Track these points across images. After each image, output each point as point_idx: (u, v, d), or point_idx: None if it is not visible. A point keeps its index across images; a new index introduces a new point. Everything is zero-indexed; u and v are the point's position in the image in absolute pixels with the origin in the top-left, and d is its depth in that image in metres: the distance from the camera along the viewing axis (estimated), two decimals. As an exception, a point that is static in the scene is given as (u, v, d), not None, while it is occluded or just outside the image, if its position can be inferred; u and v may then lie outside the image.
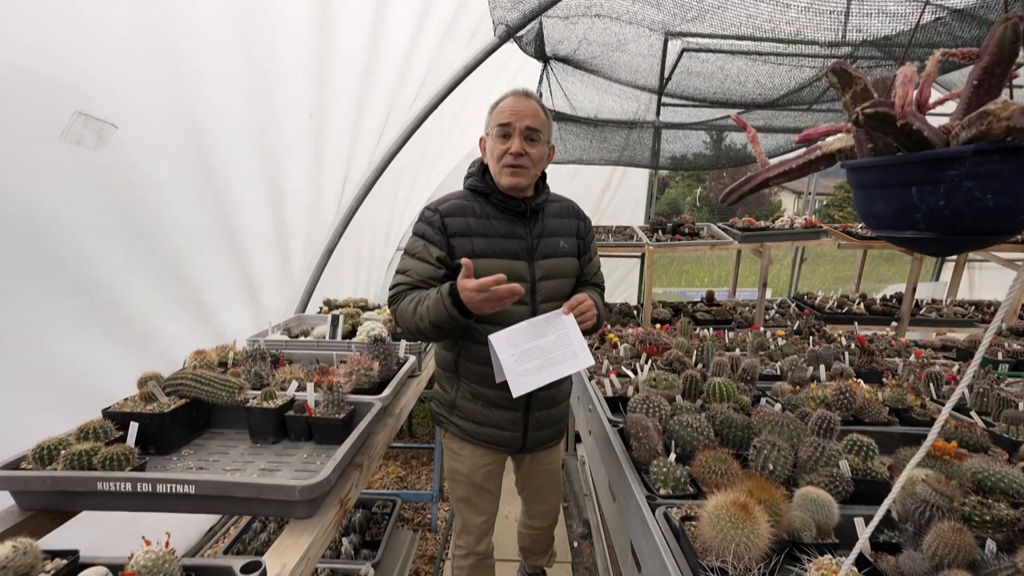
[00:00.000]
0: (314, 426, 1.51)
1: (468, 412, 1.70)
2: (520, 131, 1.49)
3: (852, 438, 1.60)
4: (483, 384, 1.65)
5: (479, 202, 1.59)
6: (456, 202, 1.58)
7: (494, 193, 1.58)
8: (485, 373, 1.59)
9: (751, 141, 0.98)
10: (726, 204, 0.97)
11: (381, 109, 2.55)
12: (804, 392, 2.25)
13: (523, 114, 1.50)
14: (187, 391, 1.50)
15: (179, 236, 1.64)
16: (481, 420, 1.69)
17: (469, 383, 1.69)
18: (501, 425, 1.69)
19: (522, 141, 1.49)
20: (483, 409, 1.69)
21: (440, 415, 1.79)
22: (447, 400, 1.74)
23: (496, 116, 1.52)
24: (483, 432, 1.70)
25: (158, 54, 1.42)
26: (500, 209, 1.59)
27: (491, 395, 1.66)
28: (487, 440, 1.71)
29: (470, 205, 1.57)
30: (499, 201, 1.58)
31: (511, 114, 1.49)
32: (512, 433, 1.70)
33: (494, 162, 1.54)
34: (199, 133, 1.60)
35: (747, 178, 0.94)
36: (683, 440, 1.67)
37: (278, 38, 1.71)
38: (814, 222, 4.33)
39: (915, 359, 2.92)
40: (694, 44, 2.98)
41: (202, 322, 1.94)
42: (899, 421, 2.09)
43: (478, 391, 1.68)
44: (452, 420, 1.74)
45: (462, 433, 1.72)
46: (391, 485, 3.28)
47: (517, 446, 1.74)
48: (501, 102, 1.54)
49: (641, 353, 2.88)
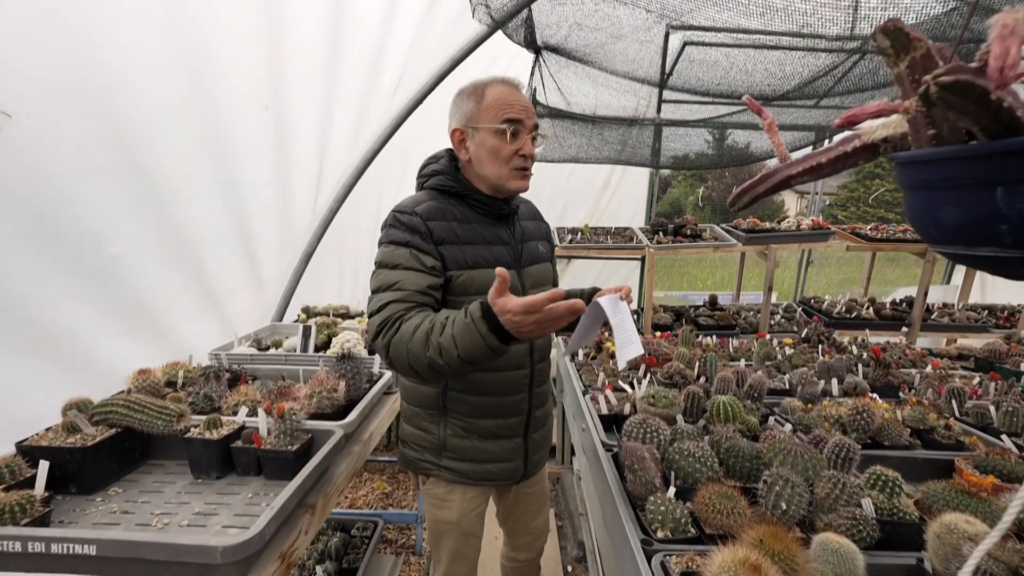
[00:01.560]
0: (263, 459, 1.33)
1: (463, 451, 1.47)
2: (529, 129, 1.34)
3: (875, 471, 1.41)
4: (478, 415, 1.45)
5: (453, 204, 1.38)
6: (431, 204, 1.34)
7: (473, 194, 1.38)
8: (479, 403, 1.41)
9: (767, 129, 0.79)
10: (736, 208, 0.78)
11: (354, 101, 2.37)
12: (816, 410, 2.06)
13: (530, 110, 1.34)
14: (118, 419, 1.32)
15: (111, 244, 1.46)
16: (480, 457, 1.47)
17: (461, 417, 1.45)
18: (502, 457, 1.49)
19: (530, 141, 1.35)
20: (480, 443, 1.47)
21: (423, 462, 1.50)
22: (433, 442, 1.47)
23: (497, 108, 1.30)
24: (483, 470, 1.48)
25: (68, 42, 1.24)
26: (480, 212, 1.39)
27: (489, 426, 1.46)
28: (488, 478, 1.49)
29: (448, 208, 1.35)
30: (478, 203, 1.38)
31: (521, 109, 1.31)
32: (514, 463, 1.52)
33: (499, 163, 1.33)
34: (121, 126, 1.40)
35: (763, 176, 0.75)
36: (684, 471, 1.49)
37: (218, 18, 1.52)
38: (822, 223, 4.14)
39: (932, 370, 2.73)
40: (695, 37, 2.80)
41: (155, 337, 1.76)
42: (921, 444, 1.90)
43: (473, 424, 1.45)
44: (442, 464, 1.48)
45: (457, 477, 1.48)
46: (375, 503, 3.10)
47: (519, 476, 1.55)
48: (493, 90, 1.32)
49: (639, 364, 2.69)
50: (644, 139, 4.20)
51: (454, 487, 1.50)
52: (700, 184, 24.85)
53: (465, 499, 1.51)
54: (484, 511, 1.62)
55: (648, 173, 5.17)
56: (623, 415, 2.13)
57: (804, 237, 4.18)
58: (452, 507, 1.51)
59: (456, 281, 1.30)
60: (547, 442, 1.67)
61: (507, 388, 1.45)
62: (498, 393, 1.43)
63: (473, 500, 1.53)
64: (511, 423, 1.47)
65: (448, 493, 1.51)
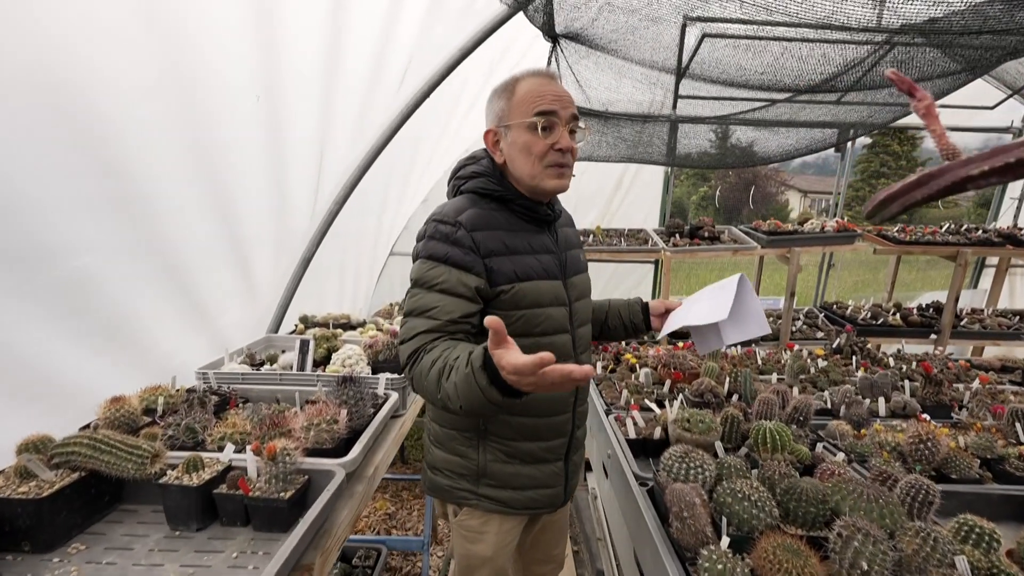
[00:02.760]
0: (252, 508, 1.14)
1: (505, 478, 1.32)
2: (566, 121, 1.19)
3: (966, 521, 1.21)
4: (521, 438, 1.31)
5: (497, 210, 1.24)
6: (475, 211, 1.20)
7: (516, 199, 1.25)
8: (523, 424, 1.29)
9: (924, 115, 0.59)
10: (879, 220, 0.58)
11: (357, 92, 2.17)
12: (869, 435, 1.87)
13: (565, 100, 1.20)
14: (81, 461, 1.13)
15: (78, 254, 1.27)
16: (523, 484, 1.33)
17: (502, 441, 1.31)
18: (544, 483, 1.36)
19: (567, 134, 1.21)
20: (523, 468, 1.33)
21: (459, 490, 1.35)
22: (472, 469, 1.32)
23: (528, 102, 1.18)
24: (525, 497, 1.34)
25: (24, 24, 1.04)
26: (524, 219, 1.27)
27: (532, 449, 1.32)
28: (530, 506, 1.36)
29: (493, 215, 1.22)
30: (522, 208, 1.26)
31: (554, 99, 1.17)
32: (555, 489, 1.39)
33: (532, 160, 1.19)
34: (85, 119, 1.20)
35: (924, 176, 0.54)
36: (738, 517, 1.29)
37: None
38: (848, 225, 3.94)
39: (980, 385, 2.53)
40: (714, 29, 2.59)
41: (133, 357, 1.57)
42: (992, 476, 1.70)
43: (515, 448, 1.31)
44: (480, 492, 1.33)
45: (496, 506, 1.33)
46: (377, 525, 2.91)
47: (559, 502, 1.42)
48: (524, 84, 1.20)
49: (665, 379, 2.50)
50: (660, 135, 4.00)
51: (490, 518, 1.35)
52: (703, 183, 24.63)
53: (501, 531, 1.37)
54: (515, 544, 1.47)
55: (661, 173, 4.96)
56: (653, 440, 1.95)
57: (829, 240, 3.99)
58: (487, 540, 1.36)
59: (507, 296, 1.19)
60: (583, 463, 1.54)
61: (553, 408, 1.32)
62: (544, 413, 1.31)
63: (509, 532, 1.39)
64: (554, 445, 1.35)
65: (483, 524, 1.36)
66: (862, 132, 4.16)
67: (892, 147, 21.54)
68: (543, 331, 1.24)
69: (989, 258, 5.12)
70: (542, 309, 1.23)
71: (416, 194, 4.45)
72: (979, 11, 2.89)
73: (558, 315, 1.26)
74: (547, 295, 1.23)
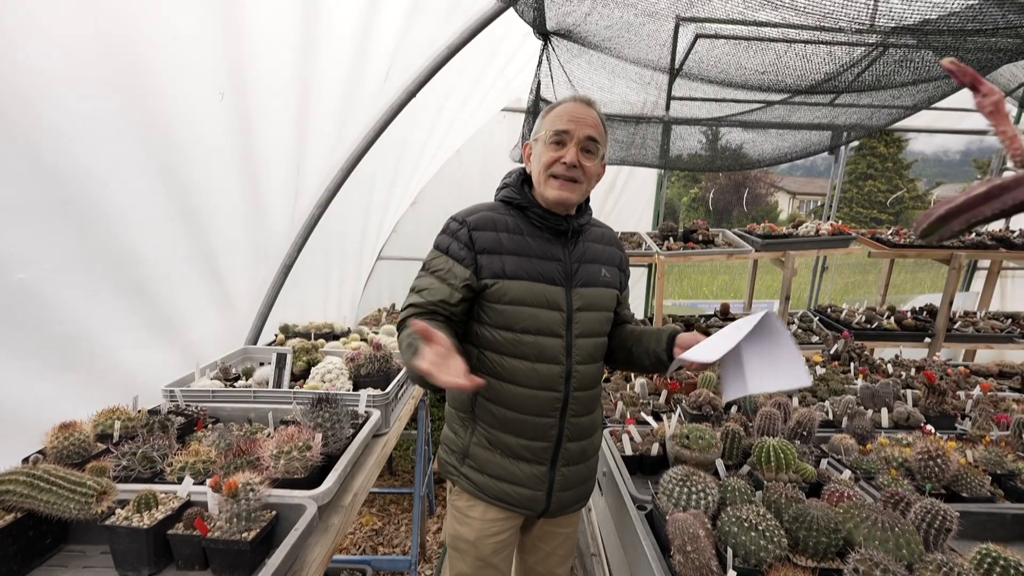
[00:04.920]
0: (210, 551, 1.02)
1: (483, 463, 1.41)
2: (578, 140, 1.30)
3: (988, 553, 1.13)
4: (503, 429, 1.38)
5: (513, 216, 1.38)
6: (486, 214, 1.36)
7: (532, 207, 1.37)
8: (504, 416, 1.36)
9: (990, 114, 0.50)
10: (936, 240, 0.49)
11: (336, 95, 2.05)
12: (875, 450, 1.79)
13: (584, 122, 1.31)
14: (16, 501, 1.01)
15: (15, 269, 1.14)
16: (498, 473, 1.40)
17: (487, 428, 1.40)
18: (521, 481, 1.39)
19: (578, 152, 1.31)
20: (501, 460, 1.40)
21: (450, 465, 1.49)
22: (459, 446, 1.45)
23: (551, 120, 1.33)
24: (499, 488, 1.40)
25: None
26: (537, 226, 1.38)
27: (512, 444, 1.38)
28: (503, 498, 1.40)
29: (502, 219, 1.36)
30: (537, 217, 1.37)
31: (570, 120, 1.31)
32: (534, 492, 1.40)
33: (540, 171, 1.34)
34: (24, 121, 1.07)
35: (994, 189, 0.44)
36: (745, 548, 1.20)
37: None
38: (842, 229, 3.89)
39: (981, 393, 2.47)
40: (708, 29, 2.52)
41: (90, 376, 1.44)
42: (1004, 493, 1.63)
43: (497, 438, 1.39)
44: (463, 472, 1.44)
45: (473, 488, 1.42)
46: (363, 542, 2.79)
47: (539, 508, 1.43)
48: (559, 107, 1.35)
49: (661, 389, 2.41)
50: (652, 137, 3.93)
51: (475, 503, 1.44)
52: (694, 185, 24.69)
53: (485, 519, 1.43)
54: (509, 545, 1.49)
55: (654, 175, 4.90)
56: (650, 456, 1.86)
57: (823, 243, 3.94)
58: (471, 524, 1.44)
59: (491, 289, 1.31)
60: (582, 482, 1.50)
61: (534, 408, 1.36)
62: (524, 411, 1.36)
63: (493, 524, 1.43)
64: (536, 447, 1.38)
65: (469, 508, 1.45)
66: (857, 135, 4.12)
67: (879, 149, 21.75)
68: (524, 329, 1.32)
69: (980, 261, 5.11)
70: (527, 308, 1.32)
71: (405, 197, 4.33)
72: (972, 14, 2.83)
73: (547, 318, 1.33)
74: (536, 296, 1.32)
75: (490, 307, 1.33)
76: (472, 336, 1.38)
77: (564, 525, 1.56)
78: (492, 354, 1.34)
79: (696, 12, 2.40)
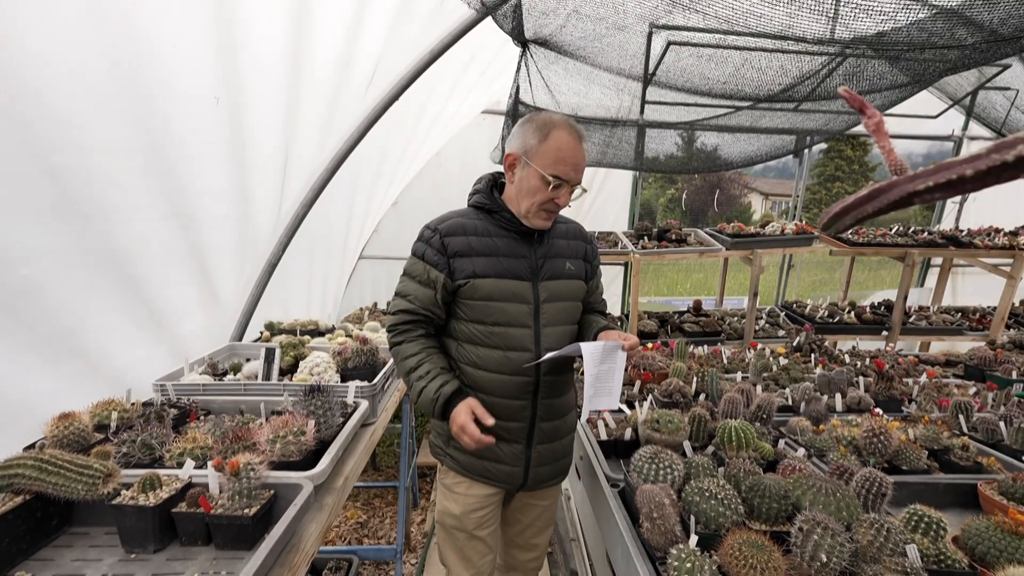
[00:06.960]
0: (213, 527, 1.09)
1: None
2: (573, 185, 1.45)
3: (915, 512, 1.28)
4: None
5: (482, 219, 1.51)
6: (457, 220, 1.49)
7: (502, 211, 1.50)
8: (484, 401, 1.47)
9: (874, 131, 0.62)
10: (833, 232, 0.61)
11: (322, 98, 2.11)
12: (827, 430, 1.95)
13: (579, 167, 1.45)
14: (25, 484, 1.06)
15: (20, 264, 1.19)
16: (480, 452, 1.52)
17: None
18: (501, 459, 1.54)
19: (568, 194, 1.46)
20: None
21: (438, 447, 1.64)
22: (445, 430, 1.55)
23: (553, 157, 1.40)
24: (482, 466, 1.55)
25: None
26: (504, 228, 1.50)
27: (491, 425, 1.49)
28: (486, 475, 1.55)
29: (471, 223, 1.49)
30: (504, 220, 1.50)
31: (572, 169, 1.42)
32: (513, 468, 1.55)
33: (528, 199, 1.45)
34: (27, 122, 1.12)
35: (875, 191, 0.57)
36: (705, 515, 1.33)
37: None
38: (806, 228, 4.10)
39: (927, 380, 2.68)
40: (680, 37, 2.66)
41: (85, 370, 1.48)
42: (939, 466, 1.80)
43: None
44: (449, 452, 1.59)
45: (459, 467, 1.57)
46: (349, 534, 2.85)
47: (518, 482, 1.57)
48: (557, 135, 1.41)
49: (635, 380, 2.54)
50: (628, 139, 4.08)
51: (461, 480, 1.58)
52: (671, 186, 25.16)
53: (469, 495, 1.56)
54: (492, 519, 1.62)
55: (630, 177, 5.06)
56: (623, 440, 1.98)
57: (789, 242, 4.14)
58: (457, 500, 1.57)
59: (464, 288, 1.44)
60: (557, 459, 1.65)
61: (508, 391, 1.49)
62: (499, 394, 1.49)
63: (477, 500, 1.57)
64: (511, 427, 1.51)
65: (455, 485, 1.59)
66: (819, 139, 4.35)
67: (846, 152, 22.59)
68: (495, 321, 1.45)
69: (934, 259, 5.43)
70: (496, 303, 1.45)
71: (386, 198, 4.38)
72: (923, 27, 3.05)
73: (515, 311, 1.46)
74: (503, 292, 1.45)
75: (464, 303, 1.46)
76: (451, 330, 1.52)
77: (542, 498, 1.71)
78: (468, 345, 1.48)
79: (666, 21, 2.55)
